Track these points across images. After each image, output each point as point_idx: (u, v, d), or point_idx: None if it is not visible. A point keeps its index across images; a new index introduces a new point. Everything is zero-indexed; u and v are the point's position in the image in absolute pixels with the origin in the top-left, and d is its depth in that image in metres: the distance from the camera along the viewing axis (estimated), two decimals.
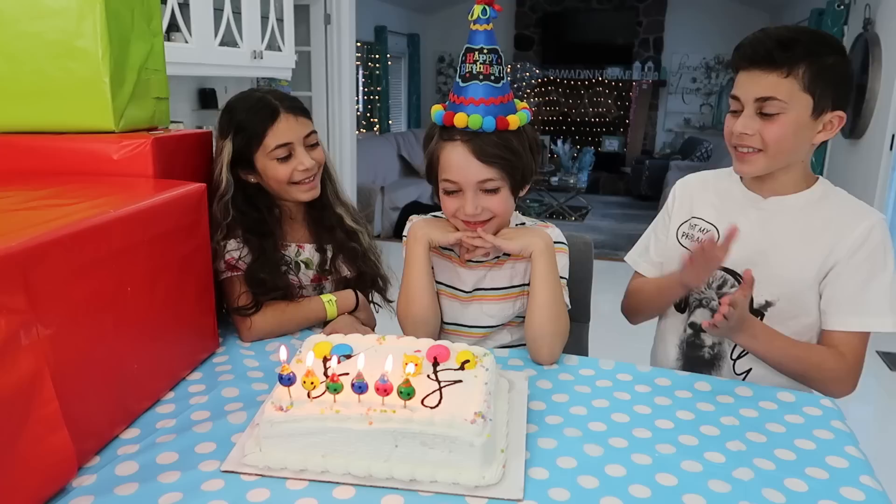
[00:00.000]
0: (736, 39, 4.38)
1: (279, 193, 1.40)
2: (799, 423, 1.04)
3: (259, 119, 1.34)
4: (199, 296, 1.19)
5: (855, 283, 1.20)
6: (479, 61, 1.16)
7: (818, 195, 1.26)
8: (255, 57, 3.61)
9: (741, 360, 1.31)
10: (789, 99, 1.16)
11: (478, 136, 1.18)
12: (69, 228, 0.84)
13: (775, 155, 1.21)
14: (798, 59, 1.14)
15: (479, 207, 1.21)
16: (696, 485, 0.87)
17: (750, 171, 1.26)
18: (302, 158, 1.36)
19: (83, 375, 0.89)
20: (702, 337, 1.35)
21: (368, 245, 1.51)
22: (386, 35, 7.35)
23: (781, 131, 1.17)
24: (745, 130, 1.20)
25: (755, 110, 1.19)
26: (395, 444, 0.88)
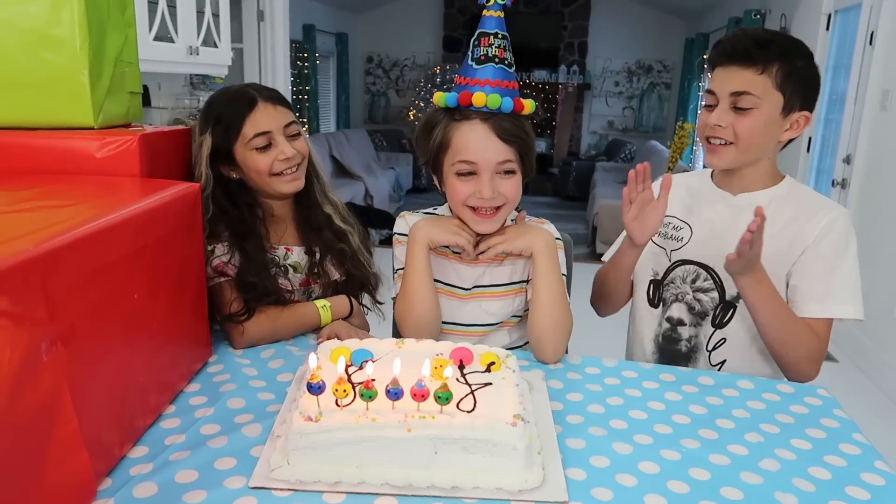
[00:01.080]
0: (655, 45, 4.60)
1: (262, 188, 1.35)
2: (804, 413, 1.08)
3: (236, 109, 1.30)
4: (195, 302, 1.13)
5: (819, 272, 1.27)
6: (494, 45, 1.16)
7: (784, 191, 1.33)
8: (192, 53, 3.47)
9: (716, 352, 1.37)
10: (762, 95, 1.22)
11: (494, 116, 1.17)
12: (82, 231, 0.77)
13: (745, 148, 1.27)
14: (772, 58, 1.21)
15: (496, 192, 1.19)
16: (730, 478, 0.89)
17: (720, 164, 1.32)
18: (282, 147, 1.32)
19: (95, 391, 0.82)
20: (678, 331, 1.40)
21: (358, 246, 1.46)
22: (315, 34, 7.22)
23: (753, 125, 1.24)
24: (719, 122, 1.26)
25: (730, 104, 1.25)
26: (434, 451, 0.85)
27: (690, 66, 7.49)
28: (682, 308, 1.40)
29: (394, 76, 9.08)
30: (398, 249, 1.32)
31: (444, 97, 1.20)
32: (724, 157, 1.29)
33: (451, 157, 1.21)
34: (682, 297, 1.40)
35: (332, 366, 0.98)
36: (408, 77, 9.04)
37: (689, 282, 1.38)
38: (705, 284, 1.36)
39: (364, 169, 7.19)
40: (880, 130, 3.52)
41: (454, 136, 1.19)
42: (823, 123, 4.37)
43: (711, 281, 1.35)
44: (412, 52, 8.94)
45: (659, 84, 8.70)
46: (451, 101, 1.18)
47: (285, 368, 1.17)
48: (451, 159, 1.21)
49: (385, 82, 9.11)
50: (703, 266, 1.37)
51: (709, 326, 1.37)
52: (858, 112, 3.76)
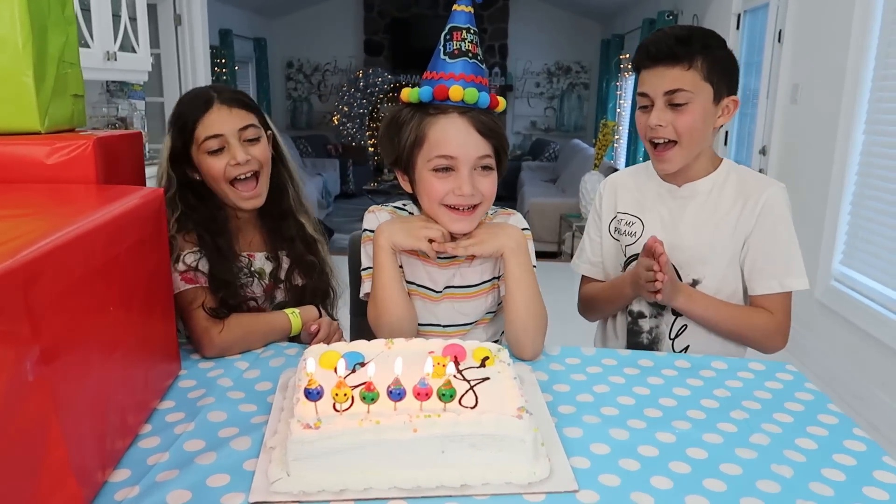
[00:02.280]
0: (573, 47, 4.74)
1: (220, 195, 1.30)
2: (779, 389, 1.13)
3: (191, 109, 1.27)
4: (164, 314, 1.06)
5: (770, 249, 1.34)
6: (466, 40, 1.15)
7: (723, 176, 1.39)
8: (109, 58, 3.31)
9: (678, 339, 1.42)
10: (694, 88, 1.28)
11: (471, 110, 1.15)
12: (60, 239, 0.71)
13: (689, 144, 1.32)
14: (695, 52, 1.27)
15: (474, 188, 1.17)
16: (725, 455, 0.91)
17: (669, 168, 1.36)
18: (234, 152, 1.27)
19: (78, 413, 0.75)
20: (640, 323, 1.44)
21: (323, 257, 1.43)
22: (232, 39, 7.02)
23: (692, 119, 1.29)
24: (659, 122, 1.30)
25: (665, 103, 1.30)
26: (441, 450, 0.83)
27: (607, 67, 7.73)
28: (641, 301, 1.44)
29: (315, 81, 8.95)
30: (367, 246, 1.28)
31: (416, 92, 1.17)
32: (672, 161, 1.34)
33: (427, 152, 1.17)
34: None
35: (324, 371, 0.95)
36: (330, 82, 8.93)
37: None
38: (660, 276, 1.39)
39: None
40: (792, 122, 3.73)
41: (430, 130, 1.16)
42: (739, 118, 4.59)
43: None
44: (333, 56, 8.84)
45: (578, 84, 8.93)
46: (426, 96, 1.16)
47: (263, 377, 1.12)
48: (427, 155, 1.17)
49: (307, 87, 8.96)
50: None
51: (670, 315, 1.41)
52: (771, 106, 3.97)
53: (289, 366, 1.16)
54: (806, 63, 3.57)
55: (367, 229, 1.31)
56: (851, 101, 3.05)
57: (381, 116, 8.95)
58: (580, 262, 1.58)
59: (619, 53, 7.26)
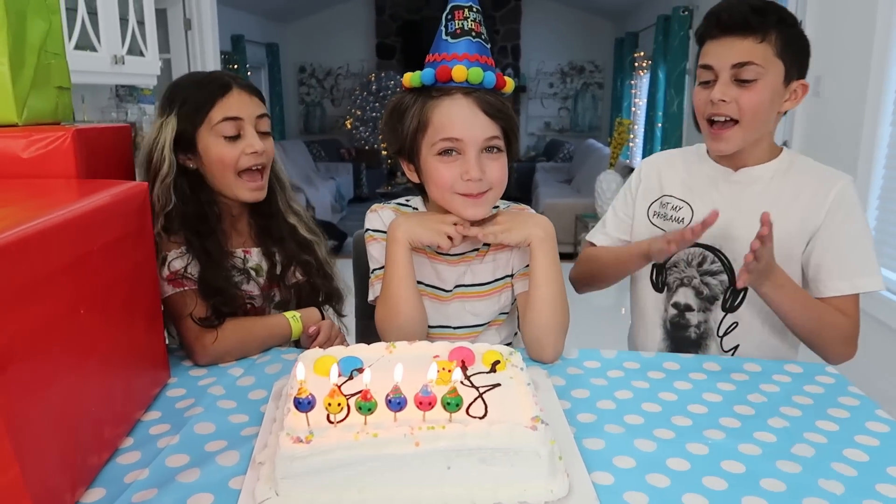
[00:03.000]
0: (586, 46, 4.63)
1: (221, 185, 1.22)
2: (820, 394, 1.03)
3: (208, 91, 1.19)
4: (149, 317, 0.98)
5: (838, 248, 1.21)
6: (468, 18, 1.07)
7: (786, 164, 1.27)
8: (116, 62, 3.26)
9: (728, 337, 1.30)
10: (765, 64, 1.17)
11: (476, 90, 1.07)
12: (13, 235, 0.63)
13: (750, 124, 1.20)
14: (770, 25, 1.16)
15: (482, 172, 1.09)
16: (766, 468, 0.82)
17: (726, 149, 1.24)
18: (251, 140, 1.20)
19: (38, 427, 0.67)
20: (686, 317, 1.33)
21: (324, 258, 1.35)
22: (244, 44, 7.00)
23: (758, 98, 1.18)
24: (722, 97, 1.19)
25: (731, 77, 1.19)
26: (447, 466, 0.75)
27: (622, 65, 7.61)
28: (688, 293, 1.33)
29: (328, 85, 8.91)
30: (374, 247, 1.20)
31: (417, 75, 1.09)
32: (730, 141, 1.23)
33: (431, 136, 1.09)
34: (688, 281, 1.32)
35: (319, 378, 0.86)
36: (342, 86, 8.88)
37: (696, 265, 1.31)
38: (713, 267, 1.29)
39: (304, 180, 6.99)
40: (815, 115, 3.60)
41: (433, 114, 1.09)
42: None
43: (720, 263, 1.29)
44: (345, 60, 8.79)
45: (592, 84, 8.81)
46: (427, 78, 1.08)
47: (257, 385, 1.04)
48: (432, 139, 1.09)
49: (319, 92, 8.93)
50: (708, 248, 1.30)
51: (719, 311, 1.31)
52: None
53: (285, 372, 1.08)
54: (828, 54, 3.45)
55: (370, 229, 1.23)
56: (877, 92, 2.93)
57: None
58: (596, 234, 1.46)
59: (633, 51, 7.14)
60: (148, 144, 1.20)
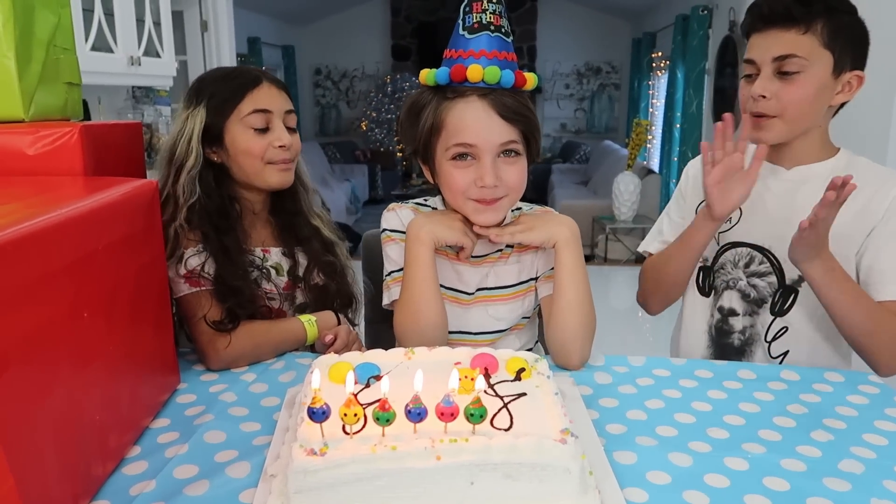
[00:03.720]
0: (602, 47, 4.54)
1: (248, 174, 1.20)
2: (865, 405, 0.97)
3: (238, 84, 1.19)
4: (158, 319, 0.95)
5: (892, 250, 1.14)
6: (488, 11, 1.01)
7: (843, 163, 1.21)
8: (133, 63, 3.25)
9: (776, 343, 1.23)
10: (809, 56, 1.11)
11: (493, 92, 1.02)
12: (11, 234, 0.60)
13: (793, 120, 1.15)
14: (816, 14, 1.10)
15: (498, 178, 1.04)
16: (812, 486, 0.76)
17: (767, 138, 1.18)
18: (280, 133, 1.19)
19: (37, 436, 0.64)
20: (730, 322, 1.27)
21: (345, 261, 1.32)
22: (260, 47, 7.00)
23: (802, 92, 1.12)
24: (763, 92, 1.14)
25: (773, 70, 1.14)
26: (470, 482, 0.70)
27: (639, 66, 7.53)
28: (733, 296, 1.27)
29: (343, 87, 8.90)
30: (392, 248, 1.16)
31: (432, 73, 1.04)
32: (770, 131, 1.17)
33: (445, 140, 1.05)
34: (734, 283, 1.27)
35: (334, 385, 0.82)
36: (358, 88, 8.87)
37: (742, 266, 1.26)
38: (761, 268, 1.23)
39: (319, 182, 6.96)
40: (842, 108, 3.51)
41: (447, 116, 1.04)
42: None
43: (768, 264, 1.22)
44: (361, 62, 8.78)
45: (608, 85, 8.73)
46: (442, 78, 1.03)
47: (270, 392, 1.00)
48: (445, 143, 1.05)
49: (335, 94, 8.92)
50: (757, 248, 1.24)
51: (767, 315, 1.24)
52: None
53: (299, 379, 1.04)
54: None
55: (388, 229, 1.18)
56: None
57: None
58: (653, 241, 1.38)
59: (650, 52, 7.06)
60: (172, 137, 1.19)
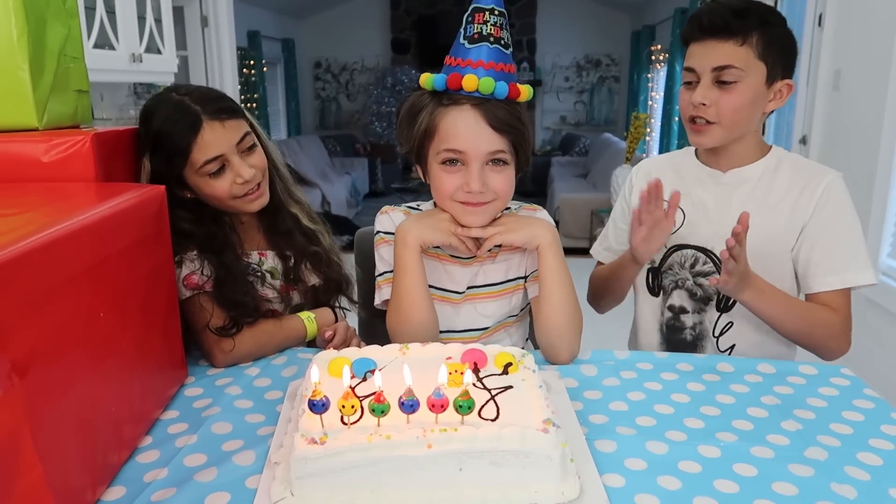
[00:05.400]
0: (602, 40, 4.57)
1: (223, 208, 1.21)
2: (835, 396, 1.02)
3: (178, 131, 1.11)
4: (167, 319, 1.00)
5: (827, 243, 1.21)
6: (489, 22, 1.05)
7: (775, 163, 1.28)
8: (134, 60, 3.29)
9: (724, 337, 1.31)
10: (746, 67, 1.17)
11: (486, 102, 1.07)
12: (35, 241, 0.65)
13: (730, 126, 1.21)
14: (752, 27, 1.16)
15: (485, 185, 1.09)
16: (778, 472, 0.82)
17: (706, 143, 1.25)
18: (238, 169, 1.15)
19: (60, 428, 0.69)
20: (682, 319, 1.34)
21: (329, 245, 1.35)
22: (260, 40, 7.02)
23: (739, 101, 1.19)
24: (703, 100, 1.20)
25: (712, 80, 1.19)
26: (459, 468, 0.75)
27: (638, 58, 7.55)
28: (682, 295, 1.34)
29: (343, 80, 8.93)
30: (384, 250, 1.21)
31: (431, 79, 1.09)
32: (710, 136, 1.24)
33: (437, 145, 1.10)
34: (682, 283, 1.33)
35: (333, 379, 0.88)
36: (358, 81, 8.90)
37: (688, 267, 1.32)
38: (705, 268, 1.30)
39: (319, 175, 7.03)
40: (834, 110, 3.55)
41: (441, 122, 1.08)
42: None
43: (711, 264, 1.29)
44: (360, 55, 8.81)
45: (608, 77, 8.76)
46: (439, 84, 1.08)
47: (273, 386, 1.06)
48: (437, 147, 1.10)
49: (335, 87, 8.95)
50: (700, 249, 1.31)
51: (713, 311, 1.31)
52: (811, 93, 3.79)
53: (301, 374, 1.09)
54: (848, 48, 3.40)
55: (381, 231, 1.23)
56: None
57: None
58: (600, 249, 1.49)
59: (649, 45, 7.08)
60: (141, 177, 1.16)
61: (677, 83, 5.75)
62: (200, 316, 1.13)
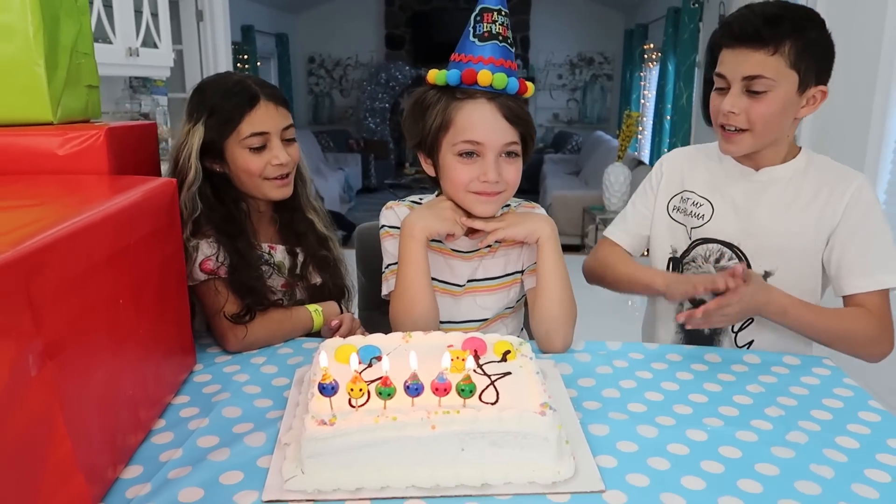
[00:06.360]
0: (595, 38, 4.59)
1: (248, 188, 1.27)
2: (816, 385, 1.08)
3: (236, 103, 1.21)
4: (178, 307, 1.04)
5: (858, 245, 1.23)
6: (497, 22, 1.11)
7: (804, 163, 1.30)
8: (131, 54, 3.31)
9: (742, 333, 1.33)
10: (777, 77, 1.17)
11: (499, 96, 1.12)
12: (63, 230, 0.69)
13: (762, 133, 1.22)
14: (784, 35, 1.15)
15: (500, 175, 1.14)
16: (761, 454, 0.87)
17: (736, 151, 1.27)
18: (277, 152, 1.24)
19: (84, 408, 0.73)
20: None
21: (339, 255, 1.40)
22: (254, 35, 7.02)
23: (769, 110, 1.19)
24: (732, 109, 1.21)
25: (742, 88, 1.20)
26: (461, 448, 0.80)
27: (631, 57, 7.60)
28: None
29: (337, 76, 8.94)
30: (389, 243, 1.25)
31: (443, 74, 1.13)
32: (740, 145, 1.25)
33: (453, 137, 1.14)
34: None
35: (339, 365, 0.92)
36: (351, 76, 8.92)
37: (713, 261, 1.34)
38: (730, 264, 1.31)
39: (313, 171, 6.94)
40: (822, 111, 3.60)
41: (457, 115, 1.13)
42: None
43: (737, 260, 1.31)
44: (354, 50, 8.82)
45: (601, 75, 8.81)
46: (454, 79, 1.11)
47: (280, 374, 1.10)
48: (453, 139, 1.14)
49: (328, 82, 8.96)
50: (727, 245, 1.33)
51: None
52: None
53: (306, 362, 1.13)
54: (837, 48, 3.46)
55: (386, 225, 1.27)
56: (886, 88, 2.94)
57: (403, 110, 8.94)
58: (616, 230, 1.47)
59: (642, 43, 7.14)
60: (176, 148, 1.24)
61: (669, 82, 5.81)
62: (215, 300, 1.18)
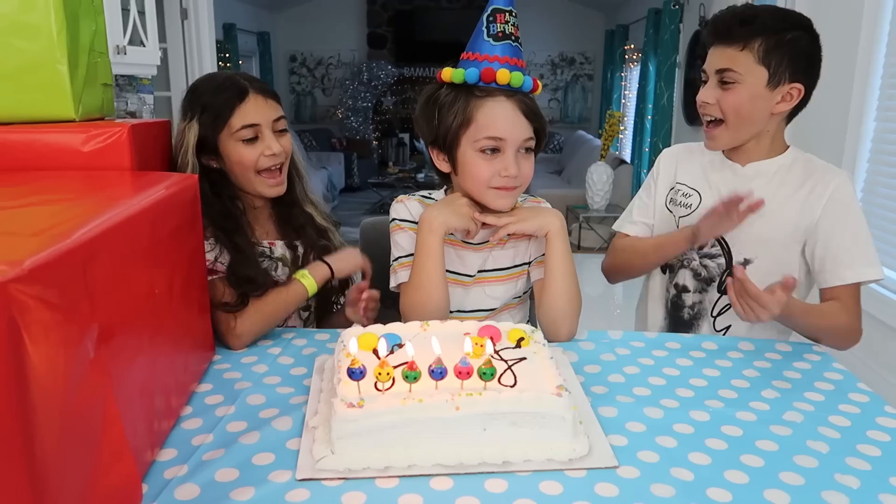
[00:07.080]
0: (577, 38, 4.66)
1: (243, 183, 1.31)
2: (808, 369, 1.14)
3: (226, 97, 1.26)
4: (200, 298, 1.08)
5: (841, 239, 1.31)
6: (509, 22, 1.16)
7: (790, 160, 1.38)
8: (118, 52, 3.30)
9: (721, 318, 1.41)
10: (744, 70, 1.27)
11: (516, 93, 1.17)
12: (111, 220, 0.72)
13: (735, 124, 1.31)
14: (755, 33, 1.26)
15: (518, 170, 1.19)
16: (760, 432, 0.92)
17: (715, 146, 1.37)
18: (269, 142, 1.28)
19: (128, 392, 0.77)
20: (683, 297, 1.44)
21: (339, 244, 1.44)
22: (235, 33, 7.01)
23: (736, 99, 1.29)
24: (705, 99, 1.32)
25: (716, 81, 1.31)
26: (483, 428, 0.85)
27: (612, 58, 7.71)
28: (687, 274, 1.44)
29: (319, 75, 8.94)
30: (400, 236, 1.29)
31: (460, 72, 1.17)
32: (719, 140, 1.35)
33: (475, 133, 1.18)
34: (688, 263, 1.43)
35: (362, 353, 0.96)
36: (333, 75, 8.92)
37: (697, 248, 1.41)
38: (713, 251, 1.40)
39: None
40: None
41: (478, 112, 1.17)
42: None
43: (719, 247, 1.39)
44: (336, 49, 8.83)
45: (582, 76, 8.92)
46: (472, 77, 1.16)
47: (297, 364, 1.14)
48: (474, 136, 1.19)
49: (310, 81, 8.96)
50: None
51: (714, 292, 1.41)
52: None
53: (321, 352, 1.18)
54: None
55: (397, 219, 1.31)
56: (862, 87, 3.03)
57: (385, 110, 8.95)
58: (625, 223, 1.54)
59: (623, 44, 7.24)
60: (174, 147, 1.28)
61: (650, 82, 5.90)
62: (213, 298, 1.20)
